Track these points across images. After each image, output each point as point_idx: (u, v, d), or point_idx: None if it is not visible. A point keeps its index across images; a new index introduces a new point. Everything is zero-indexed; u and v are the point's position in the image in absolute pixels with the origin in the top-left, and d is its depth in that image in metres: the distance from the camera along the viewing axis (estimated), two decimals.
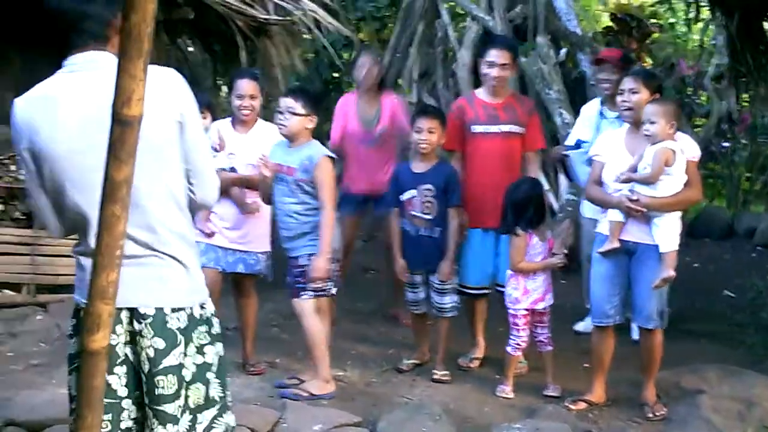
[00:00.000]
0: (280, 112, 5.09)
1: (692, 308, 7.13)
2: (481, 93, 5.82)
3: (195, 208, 2.82)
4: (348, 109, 6.67)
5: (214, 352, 2.78)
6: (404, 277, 5.59)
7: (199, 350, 2.73)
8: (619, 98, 5.07)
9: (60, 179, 2.60)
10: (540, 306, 5.32)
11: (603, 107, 6.18)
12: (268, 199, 5.25)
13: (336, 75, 13.88)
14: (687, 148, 4.83)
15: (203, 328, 2.75)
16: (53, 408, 4.48)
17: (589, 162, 5.20)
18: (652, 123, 4.72)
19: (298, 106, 5.05)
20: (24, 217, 6.74)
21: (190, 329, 2.70)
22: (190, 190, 2.76)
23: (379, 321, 6.61)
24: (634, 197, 4.76)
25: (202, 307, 2.77)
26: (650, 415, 4.98)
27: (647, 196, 4.75)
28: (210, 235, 5.34)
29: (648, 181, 4.75)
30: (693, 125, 11.14)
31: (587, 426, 4.84)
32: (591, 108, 6.37)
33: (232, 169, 5.38)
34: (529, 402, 5.20)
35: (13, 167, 6.75)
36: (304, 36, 8.51)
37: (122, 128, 1.90)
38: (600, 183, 5.00)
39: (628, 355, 5.41)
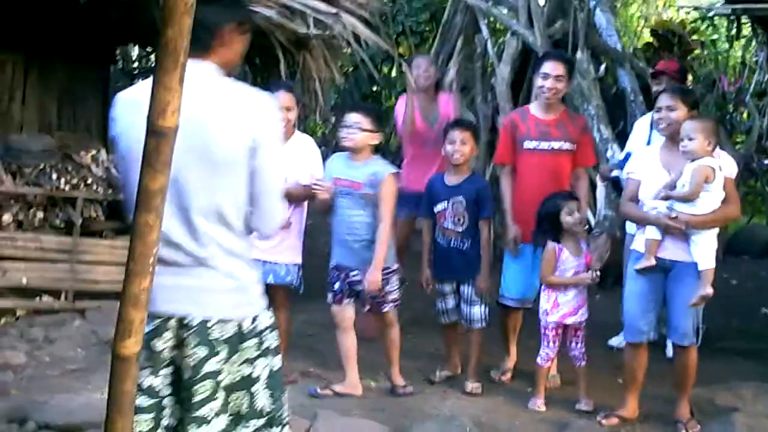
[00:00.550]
0: (347, 126, 5.23)
1: (729, 326, 7.08)
2: (534, 108, 5.80)
3: (252, 231, 2.84)
4: (404, 110, 6.70)
5: (263, 366, 2.83)
6: (429, 288, 5.65)
7: (248, 362, 2.78)
8: (656, 115, 5.06)
9: (131, 180, 2.61)
10: (570, 320, 5.31)
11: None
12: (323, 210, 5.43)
13: (375, 89, 13.95)
14: (725, 165, 4.81)
15: (253, 341, 2.80)
16: (88, 412, 4.54)
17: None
18: (691, 139, 4.70)
19: (365, 122, 5.23)
20: (64, 225, 6.84)
21: (236, 341, 2.74)
22: (251, 215, 2.78)
23: (412, 332, 6.62)
24: (673, 215, 4.74)
25: (253, 321, 2.81)
26: None
27: (687, 214, 4.73)
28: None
29: (687, 199, 4.72)
30: (734, 142, 11.06)
31: None
32: (644, 123, 6.34)
33: None
34: (560, 416, 5.18)
35: (54, 176, 6.86)
36: (344, 50, 8.54)
37: (157, 139, 1.94)
38: (636, 200, 4.98)
39: (662, 371, 5.38)
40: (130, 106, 2.71)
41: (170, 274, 2.67)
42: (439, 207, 5.58)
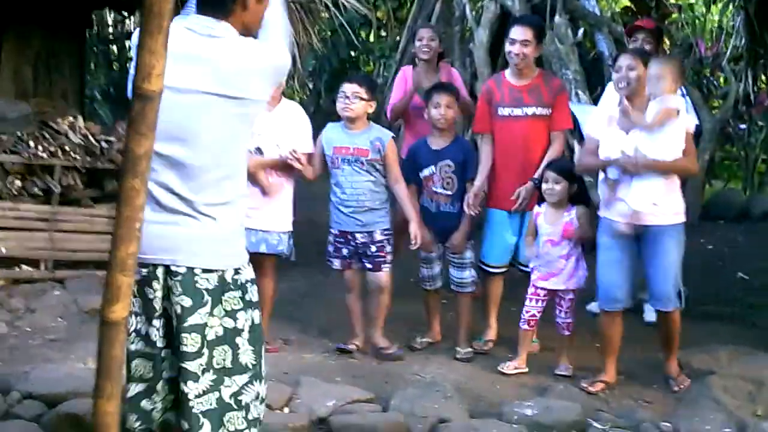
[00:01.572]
0: (346, 97, 5.39)
1: (706, 290, 7.13)
2: (508, 74, 5.78)
3: None
4: (407, 83, 6.63)
5: (245, 318, 2.84)
6: (428, 250, 5.67)
7: (230, 314, 2.80)
8: (615, 75, 5.07)
9: None
10: (550, 284, 5.30)
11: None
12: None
13: (353, 54, 13.90)
14: (683, 116, 4.86)
15: (236, 293, 2.82)
16: (70, 382, 4.55)
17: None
18: (660, 79, 4.74)
19: (363, 91, 5.41)
20: (42, 193, 6.80)
21: (218, 291, 2.76)
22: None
23: (393, 299, 6.64)
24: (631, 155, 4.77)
25: (236, 272, 2.82)
26: (675, 389, 5.07)
27: (651, 158, 4.76)
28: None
29: (647, 127, 4.74)
30: (710, 106, 11.10)
31: (598, 405, 4.87)
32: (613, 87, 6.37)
33: (258, 150, 5.34)
34: (540, 381, 5.23)
35: (32, 143, 6.80)
36: (322, 14, 8.50)
37: (143, 103, 1.94)
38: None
39: (641, 336, 5.46)
40: None
41: (159, 221, 2.70)
42: (426, 172, 5.60)
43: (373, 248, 5.49)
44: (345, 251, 5.52)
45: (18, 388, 4.54)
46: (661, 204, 4.83)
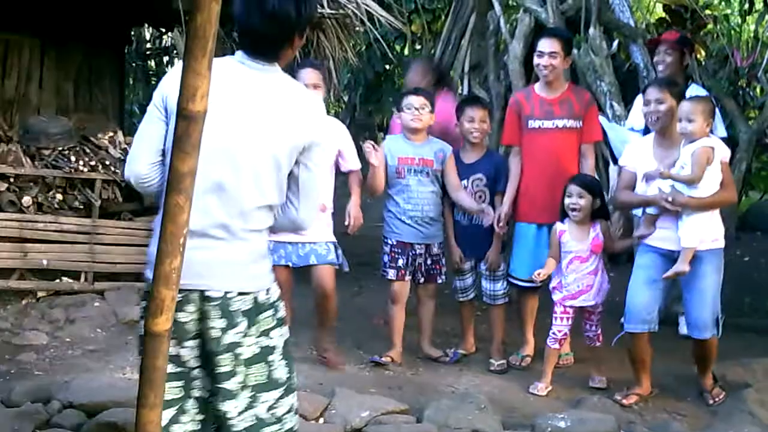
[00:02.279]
0: (415, 109, 5.53)
1: (741, 302, 7.10)
2: (538, 87, 5.79)
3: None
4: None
5: (278, 335, 2.91)
6: (461, 265, 5.73)
7: (265, 333, 2.86)
8: (644, 109, 5.08)
9: None
10: (572, 302, 5.29)
11: None
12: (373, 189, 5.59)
13: (388, 67, 13.96)
14: (719, 148, 4.85)
15: (269, 313, 2.88)
16: (110, 391, 4.63)
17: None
18: (690, 121, 4.73)
19: (429, 104, 5.55)
20: (83, 207, 6.92)
21: (254, 312, 2.82)
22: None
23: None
24: (670, 198, 4.77)
25: (267, 293, 2.89)
26: (710, 402, 5.06)
27: (687, 196, 4.77)
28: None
29: (690, 181, 4.75)
30: (746, 117, 11.02)
31: (632, 417, 4.88)
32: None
33: None
34: (574, 393, 5.24)
35: (73, 158, 6.92)
36: (357, 29, 8.56)
37: (188, 122, 2.01)
38: (631, 191, 5.05)
39: (675, 348, 5.45)
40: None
41: (193, 247, 2.73)
42: None
43: (429, 261, 5.61)
44: (401, 262, 5.57)
45: (58, 397, 4.61)
46: (687, 221, 4.83)
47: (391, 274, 5.60)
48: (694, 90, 5.20)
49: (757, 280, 7.92)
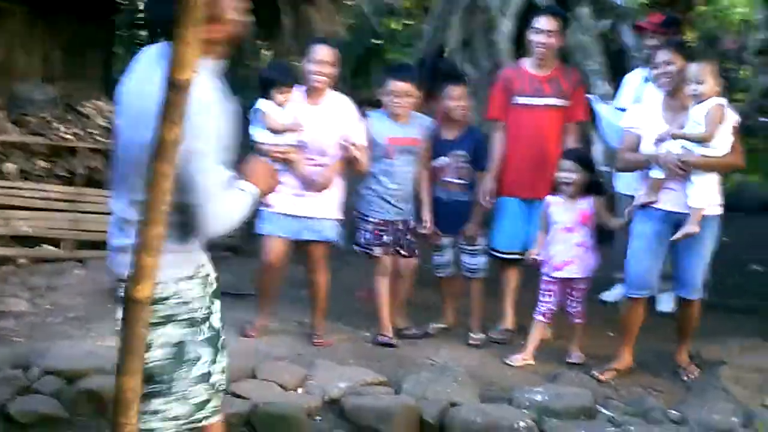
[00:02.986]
0: (397, 96, 5.44)
1: (722, 282, 7.14)
2: (527, 64, 5.80)
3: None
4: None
5: (158, 334, 2.77)
6: (435, 239, 5.73)
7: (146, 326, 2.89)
8: (654, 72, 5.08)
9: None
10: (558, 274, 5.32)
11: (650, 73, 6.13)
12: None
13: (377, 42, 13.94)
14: (730, 111, 4.85)
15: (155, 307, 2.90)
16: (90, 358, 4.67)
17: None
18: (700, 82, 4.72)
19: (413, 90, 5.51)
20: (67, 175, 6.91)
21: None
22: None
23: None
24: (681, 159, 4.76)
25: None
26: (685, 378, 5.12)
27: (698, 155, 4.76)
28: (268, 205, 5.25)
29: (704, 140, 4.74)
30: (733, 99, 11.08)
31: (608, 393, 4.93)
32: (634, 77, 6.38)
33: (301, 143, 5.33)
34: (551, 368, 5.29)
35: (56, 125, 6.91)
36: (347, 3, 8.55)
37: (175, 91, 2.02)
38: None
39: (653, 325, 5.48)
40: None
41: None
42: (439, 162, 5.67)
43: (408, 235, 5.62)
44: (386, 238, 5.57)
45: (38, 364, 4.66)
46: (696, 182, 4.83)
47: (378, 251, 5.57)
48: None
49: (738, 259, 7.96)
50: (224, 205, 2.67)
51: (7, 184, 6.69)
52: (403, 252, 5.64)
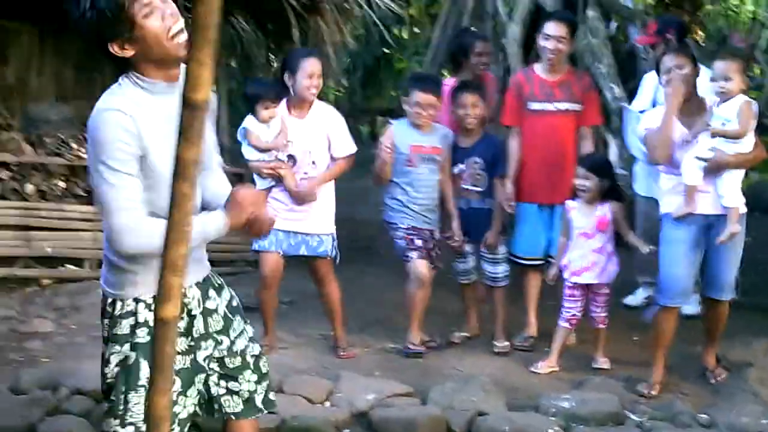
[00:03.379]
0: (421, 107, 5.45)
1: (741, 281, 7.11)
2: (538, 69, 5.80)
3: None
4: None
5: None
6: (461, 248, 5.71)
7: None
8: (665, 77, 5.06)
9: None
10: (577, 279, 5.30)
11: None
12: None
13: (386, 51, 13.98)
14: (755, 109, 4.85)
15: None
16: None
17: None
18: (727, 80, 4.70)
19: (437, 101, 5.54)
20: (86, 194, 6.94)
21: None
22: None
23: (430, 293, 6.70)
24: (713, 155, 4.73)
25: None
26: (713, 381, 5.10)
27: (732, 153, 4.74)
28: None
29: (739, 136, 4.71)
30: None
31: (635, 398, 4.91)
32: (651, 78, 6.38)
33: (291, 158, 5.35)
34: (577, 374, 5.27)
35: (74, 145, 6.95)
36: (355, 13, 8.57)
37: (191, 112, 2.03)
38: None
39: (678, 329, 5.44)
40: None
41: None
42: (455, 169, 5.67)
43: (431, 245, 5.57)
44: (419, 242, 5.52)
45: (67, 384, 4.67)
46: (725, 180, 4.81)
47: (414, 255, 5.49)
48: (703, 71, 5.20)
49: (760, 259, 7.92)
50: (129, 221, 2.66)
51: (27, 205, 6.72)
52: (431, 263, 5.59)
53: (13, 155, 6.75)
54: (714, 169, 4.76)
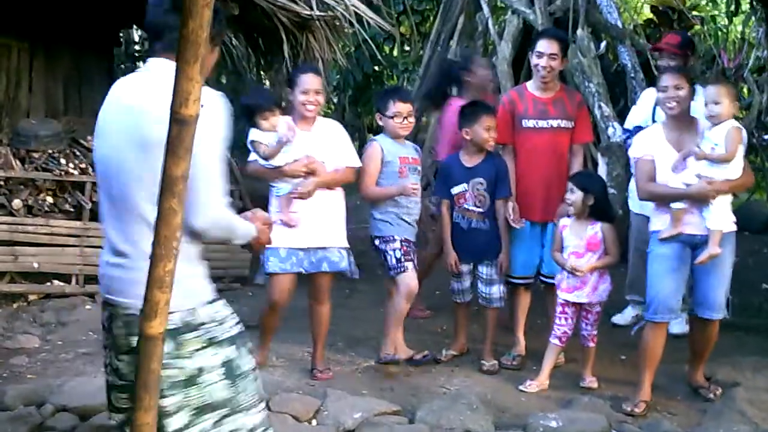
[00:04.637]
0: (404, 117, 5.53)
1: (731, 301, 7.11)
2: (531, 86, 5.82)
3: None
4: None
5: (211, 355, 2.81)
6: (455, 268, 5.69)
7: (187, 356, 2.79)
8: (662, 95, 5.06)
9: None
10: (568, 297, 5.30)
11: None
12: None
13: (377, 68, 13.98)
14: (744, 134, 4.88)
15: (193, 334, 2.80)
16: (103, 394, 4.60)
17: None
18: (717, 104, 4.75)
19: (414, 110, 5.68)
20: (73, 210, 6.92)
21: (172, 334, 2.73)
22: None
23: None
24: (709, 183, 4.76)
25: (190, 313, 2.80)
26: (710, 396, 5.11)
27: (723, 179, 4.76)
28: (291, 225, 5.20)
29: (726, 160, 4.74)
30: (735, 117, 11.08)
31: (623, 417, 4.89)
32: (649, 95, 6.39)
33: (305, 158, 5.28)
34: (565, 393, 5.26)
35: (63, 161, 6.93)
36: (346, 30, 8.57)
37: (180, 127, 2.03)
38: (653, 180, 5.00)
39: (665, 348, 5.44)
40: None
41: (112, 263, 3.01)
42: (458, 189, 5.66)
43: (412, 253, 5.57)
44: (413, 255, 5.54)
45: (52, 401, 4.63)
46: (714, 203, 4.83)
47: (410, 266, 5.48)
48: (698, 91, 5.23)
49: (746, 279, 7.93)
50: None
51: (15, 220, 6.70)
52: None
53: (1, 170, 6.72)
54: (697, 199, 4.81)
